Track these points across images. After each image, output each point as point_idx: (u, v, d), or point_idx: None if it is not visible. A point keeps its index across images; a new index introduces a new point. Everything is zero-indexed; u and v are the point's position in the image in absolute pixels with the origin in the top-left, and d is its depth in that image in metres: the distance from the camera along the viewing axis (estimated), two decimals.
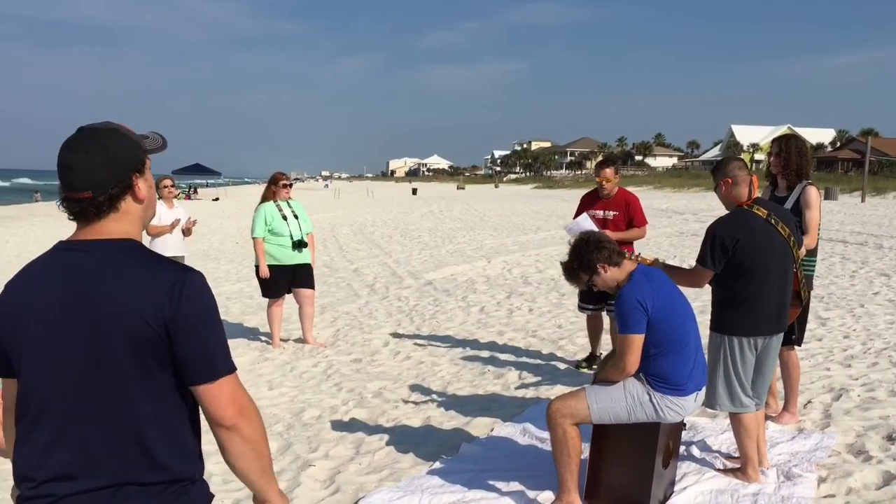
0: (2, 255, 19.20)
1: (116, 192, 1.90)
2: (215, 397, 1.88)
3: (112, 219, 1.92)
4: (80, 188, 1.87)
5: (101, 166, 1.88)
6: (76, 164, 1.87)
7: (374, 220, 29.63)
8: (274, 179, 8.27)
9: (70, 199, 1.89)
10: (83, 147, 1.88)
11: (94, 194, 1.88)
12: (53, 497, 1.85)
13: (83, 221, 1.91)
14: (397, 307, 10.45)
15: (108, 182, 1.89)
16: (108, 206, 1.90)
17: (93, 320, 1.83)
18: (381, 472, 4.67)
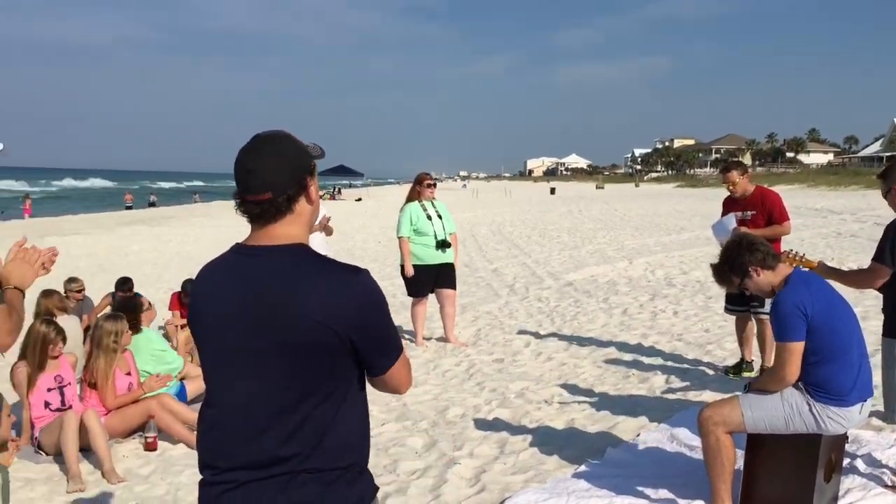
0: (165, 252, 20.54)
1: (293, 194, 2.00)
2: (392, 379, 2.08)
3: (286, 222, 2.01)
4: (259, 190, 1.98)
5: (280, 169, 1.99)
6: (256, 168, 1.98)
7: (512, 219, 29.65)
8: (419, 179, 8.42)
9: (249, 201, 1.99)
10: (262, 151, 2.00)
11: (274, 195, 1.98)
12: (235, 483, 1.97)
13: (259, 224, 2.01)
14: (538, 308, 10.41)
15: (286, 184, 1.99)
16: (286, 207, 2.00)
17: (268, 320, 1.93)
18: (526, 473, 4.68)
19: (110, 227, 28.82)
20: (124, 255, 19.75)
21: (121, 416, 5.67)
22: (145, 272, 15.93)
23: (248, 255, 2.01)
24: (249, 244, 2.03)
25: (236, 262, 2.03)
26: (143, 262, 18.05)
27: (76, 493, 4.83)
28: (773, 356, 4.47)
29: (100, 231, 26.58)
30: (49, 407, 5.49)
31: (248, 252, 2.02)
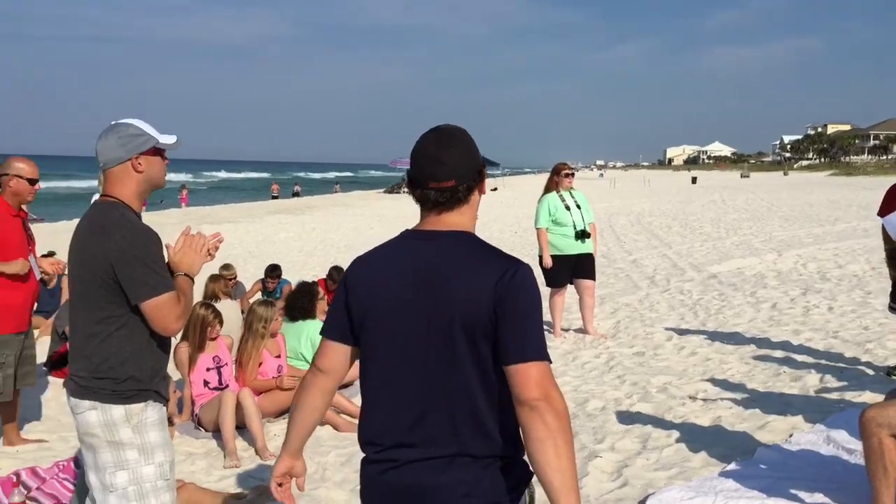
0: (309, 240, 21.34)
1: (472, 184, 2.12)
2: (523, 377, 1.95)
3: (460, 211, 2.12)
4: (445, 178, 2.08)
5: (464, 160, 2.11)
6: (445, 157, 2.09)
7: (651, 209, 28.92)
8: (556, 169, 8.36)
9: (433, 188, 2.09)
10: (448, 143, 2.11)
11: (457, 184, 2.09)
12: (396, 462, 2.05)
13: (436, 211, 2.11)
14: (679, 300, 10.12)
15: (468, 173, 2.11)
16: (465, 195, 2.12)
17: (435, 303, 2.01)
18: (669, 470, 4.57)
19: (259, 216, 30.20)
20: (272, 243, 20.66)
21: (272, 397, 5.95)
22: (292, 259, 16.61)
23: (419, 240, 2.11)
24: (421, 229, 2.13)
25: (407, 247, 2.12)
26: (289, 250, 18.82)
27: (232, 468, 5.11)
28: None
29: (249, 220, 27.90)
30: (208, 385, 5.84)
31: (420, 237, 2.12)
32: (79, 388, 2.85)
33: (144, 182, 2.93)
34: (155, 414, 2.91)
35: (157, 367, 2.92)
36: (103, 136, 2.89)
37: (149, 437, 2.87)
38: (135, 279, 2.75)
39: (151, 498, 2.85)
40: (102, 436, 2.82)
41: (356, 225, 25.60)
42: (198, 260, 2.97)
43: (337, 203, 40.19)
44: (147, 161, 2.90)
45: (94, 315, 2.80)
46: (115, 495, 2.82)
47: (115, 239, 2.76)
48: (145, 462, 2.85)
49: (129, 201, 2.90)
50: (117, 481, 2.82)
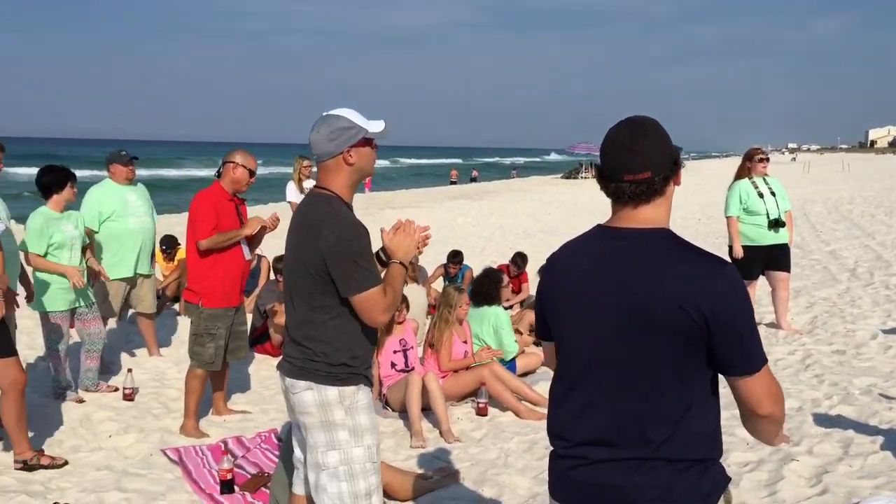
0: (488, 225, 21.56)
1: (668, 175, 2.04)
2: (753, 390, 1.95)
3: (655, 203, 2.05)
4: (640, 170, 2.02)
5: (660, 150, 2.03)
6: (639, 147, 2.02)
7: (850, 196, 26.87)
8: (749, 155, 7.97)
9: (627, 181, 2.02)
10: (642, 133, 2.04)
11: (653, 175, 2.02)
12: (586, 460, 2.04)
13: (631, 204, 2.05)
14: (885, 296, 9.35)
15: (664, 164, 2.03)
16: (661, 186, 2.04)
17: (630, 302, 1.96)
18: (875, 479, 4.25)
19: (439, 201, 30.85)
20: (451, 228, 21.04)
21: (455, 381, 6.09)
22: (470, 244, 16.85)
23: (614, 238, 2.06)
24: (615, 226, 2.08)
25: (601, 244, 2.08)
26: (468, 235, 19.10)
27: (418, 449, 5.28)
28: None
29: (429, 205, 28.57)
30: (394, 367, 6.06)
31: (614, 234, 2.07)
32: (294, 370, 3.00)
33: (355, 173, 3.02)
34: (365, 398, 3.03)
35: (367, 353, 3.05)
36: (315, 129, 2.99)
37: (359, 420, 2.99)
38: (344, 274, 2.86)
39: (360, 479, 2.97)
40: (317, 415, 2.96)
41: (533, 211, 25.57)
42: (412, 245, 3.04)
43: (514, 189, 40.30)
44: (357, 153, 2.99)
45: (309, 303, 2.95)
46: (326, 473, 2.97)
47: (325, 234, 2.87)
48: (355, 444, 2.97)
49: (341, 192, 3.00)
50: (329, 461, 2.96)
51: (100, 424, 5.59)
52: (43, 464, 4.82)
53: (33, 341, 7.24)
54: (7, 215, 5.39)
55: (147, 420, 5.73)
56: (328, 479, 2.97)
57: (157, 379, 6.72)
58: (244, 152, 5.52)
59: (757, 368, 1.94)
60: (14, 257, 5.35)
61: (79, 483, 4.67)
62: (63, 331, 5.94)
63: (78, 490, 4.55)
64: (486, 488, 4.50)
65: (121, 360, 7.14)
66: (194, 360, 5.44)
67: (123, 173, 6.84)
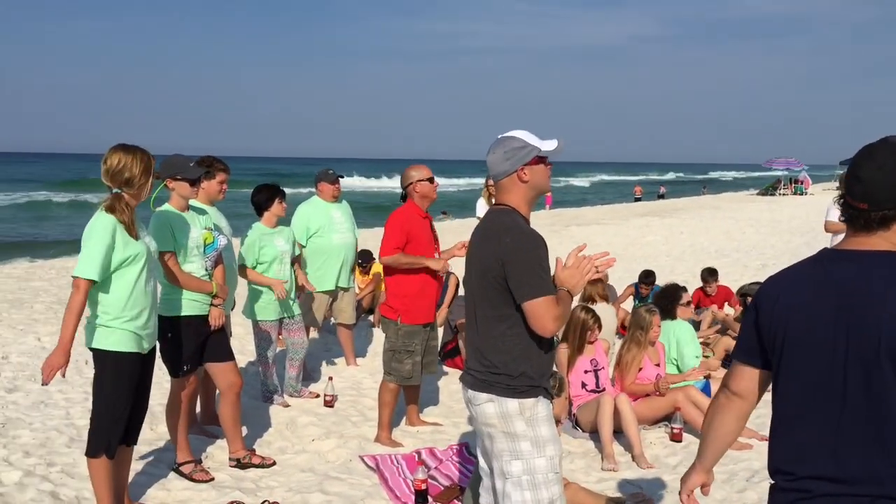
0: (678, 243, 20.89)
1: (891, 214, 1.92)
2: None
3: (880, 235, 1.94)
4: (859, 198, 1.94)
5: (888, 185, 1.92)
6: (863, 174, 1.94)
7: None
8: None
9: (850, 205, 1.97)
10: (879, 161, 1.93)
11: (870, 208, 1.92)
12: (810, 494, 1.94)
13: (851, 230, 1.98)
14: None
15: (887, 202, 1.92)
16: (879, 224, 1.93)
17: (857, 328, 1.87)
18: None
19: (625, 217, 30.28)
20: (639, 246, 20.57)
21: (648, 404, 5.92)
22: (660, 263, 16.38)
23: (840, 259, 1.97)
24: (842, 248, 2.00)
25: (824, 267, 1.99)
26: (657, 253, 18.60)
27: (610, 472, 5.18)
28: None
29: (616, 222, 28.11)
30: (585, 388, 5.98)
31: (840, 256, 1.98)
32: (476, 382, 3.10)
33: (530, 189, 3.13)
34: (544, 410, 3.09)
35: (545, 365, 3.11)
36: (492, 151, 3.13)
37: (540, 431, 3.05)
38: (520, 279, 2.94)
39: (543, 489, 3.04)
40: (499, 426, 3.05)
41: (727, 229, 24.49)
42: (582, 282, 3.08)
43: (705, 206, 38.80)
44: (531, 171, 3.09)
45: (490, 314, 3.05)
46: (510, 482, 3.06)
47: (505, 241, 2.98)
48: (538, 454, 3.04)
49: (519, 207, 3.11)
50: (513, 469, 3.05)
51: (303, 428, 5.92)
52: (254, 463, 5.17)
53: (244, 347, 7.80)
54: (229, 231, 5.85)
55: (346, 427, 6.00)
56: (512, 487, 3.05)
57: (355, 388, 7.03)
58: (416, 168, 5.68)
59: None
60: (232, 271, 5.79)
61: (285, 483, 4.96)
62: (272, 338, 6.35)
63: (284, 490, 4.84)
64: None
65: (321, 369, 7.54)
66: (392, 375, 5.61)
67: (330, 191, 7.24)
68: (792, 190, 43.72)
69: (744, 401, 2.18)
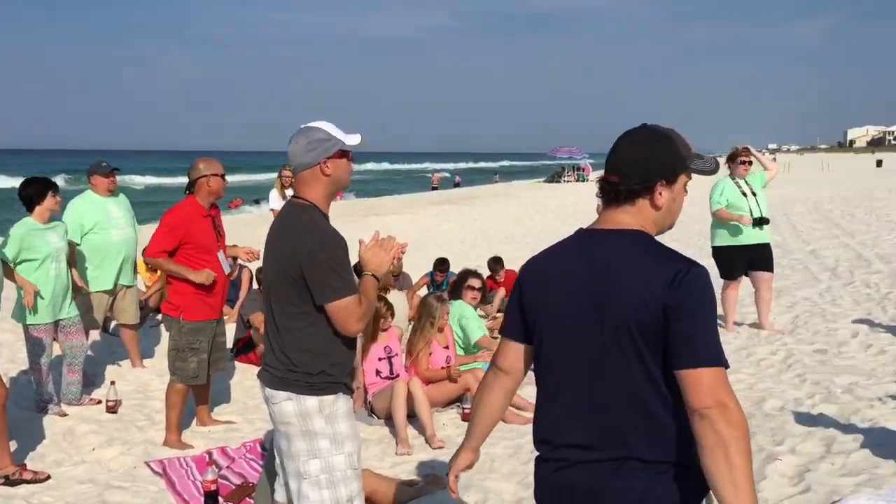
0: (471, 230, 21.60)
1: (636, 189, 2.05)
2: (693, 384, 1.89)
3: (625, 210, 2.07)
4: (611, 171, 2.08)
5: (635, 161, 2.05)
6: (620, 148, 2.08)
7: (830, 196, 27.10)
8: (733, 156, 8.04)
9: (604, 179, 2.10)
10: (633, 138, 2.08)
11: (619, 181, 2.06)
12: (567, 462, 2.06)
13: (604, 204, 2.11)
14: (866, 294, 9.46)
15: (633, 176, 2.05)
16: (626, 197, 2.06)
17: (605, 304, 1.99)
18: (857, 476, 4.29)
19: (421, 206, 30.84)
20: (435, 234, 21.05)
21: (440, 387, 6.09)
22: (454, 250, 16.86)
23: (589, 239, 2.09)
24: (595, 228, 2.12)
25: (578, 245, 2.10)
26: (452, 241, 19.12)
27: (404, 456, 5.28)
28: None
29: (412, 211, 28.57)
30: (380, 375, 6.05)
31: (587, 236, 2.10)
32: (274, 379, 3.03)
33: (332, 184, 3.06)
34: (345, 405, 3.06)
35: (346, 361, 3.07)
36: (294, 140, 3.04)
37: (340, 428, 3.01)
38: (321, 282, 2.90)
39: (341, 486, 3.00)
40: (297, 425, 2.98)
41: (517, 215, 25.63)
42: (387, 260, 3.06)
43: (497, 193, 40.34)
44: (334, 164, 3.02)
45: (287, 310, 2.98)
46: (308, 482, 3.00)
47: (305, 242, 2.91)
48: (336, 451, 3.00)
49: (318, 203, 3.04)
50: (310, 469, 2.99)
51: (83, 437, 5.55)
52: (25, 478, 4.78)
53: (15, 355, 7.18)
54: None
55: (131, 432, 5.70)
56: (310, 487, 3.00)
57: (141, 391, 6.68)
58: (206, 161, 5.48)
59: (701, 364, 1.89)
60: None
61: (61, 497, 4.63)
62: (45, 343, 5.89)
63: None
64: (471, 494, 4.50)
65: (104, 373, 7.09)
66: (177, 375, 5.40)
67: (104, 185, 6.80)
68: (575, 177, 46.44)
69: (509, 377, 2.28)
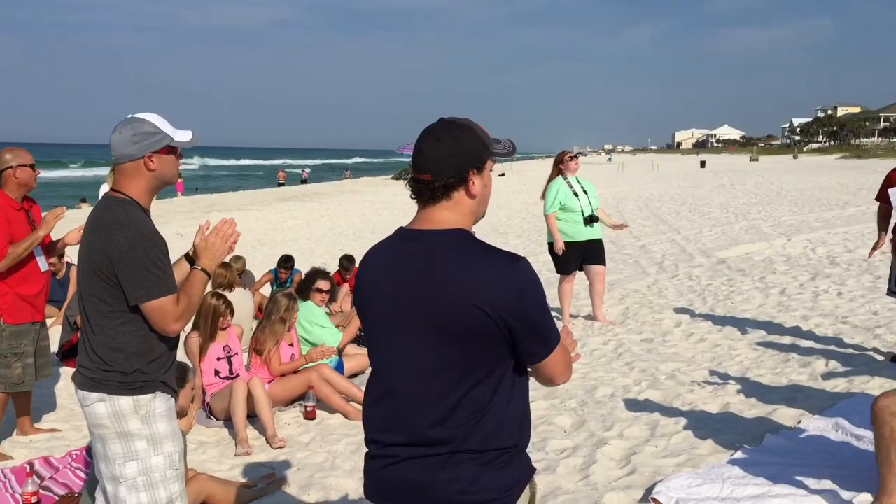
0: (318, 227, 21.38)
1: (451, 183, 2.05)
2: (551, 368, 2.09)
3: (444, 206, 2.07)
4: (422, 170, 2.06)
5: (446, 155, 2.04)
6: (426, 147, 2.06)
7: (659, 194, 28.82)
8: (559, 157, 8.38)
9: (415, 178, 2.08)
10: (437, 135, 2.06)
11: (433, 178, 2.05)
12: (396, 458, 2.06)
13: (420, 204, 2.09)
14: (688, 286, 10.12)
15: (447, 170, 2.05)
16: (442, 193, 2.06)
17: (426, 305, 2.00)
18: (678, 457, 4.59)
19: (267, 203, 30.26)
20: (280, 231, 20.71)
21: (283, 385, 5.99)
22: (300, 247, 16.65)
23: (410, 239, 2.08)
24: (412, 227, 2.10)
25: (399, 245, 2.10)
26: (298, 237, 18.87)
27: (244, 457, 5.15)
28: None
29: (257, 207, 27.96)
30: (219, 375, 5.87)
31: (410, 235, 2.09)
32: (86, 381, 2.87)
33: (155, 179, 2.92)
34: (163, 405, 2.93)
35: (164, 359, 2.94)
36: (118, 130, 2.86)
37: (157, 428, 2.89)
38: (133, 281, 2.76)
39: (160, 488, 2.89)
40: (111, 427, 2.85)
41: (364, 212, 25.62)
42: (222, 250, 2.96)
43: (345, 190, 40.17)
44: (160, 159, 2.88)
45: (101, 309, 2.83)
46: (124, 486, 2.86)
47: (117, 238, 2.76)
48: (154, 452, 2.88)
49: (139, 198, 2.89)
50: (127, 472, 2.86)
51: None
52: None
53: None
54: None
55: None
56: (127, 490, 2.87)
57: None
58: (12, 151, 5.10)
59: (552, 349, 2.06)
60: None
61: None
62: None
63: None
64: (312, 492, 4.46)
65: None
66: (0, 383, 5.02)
67: None
68: None
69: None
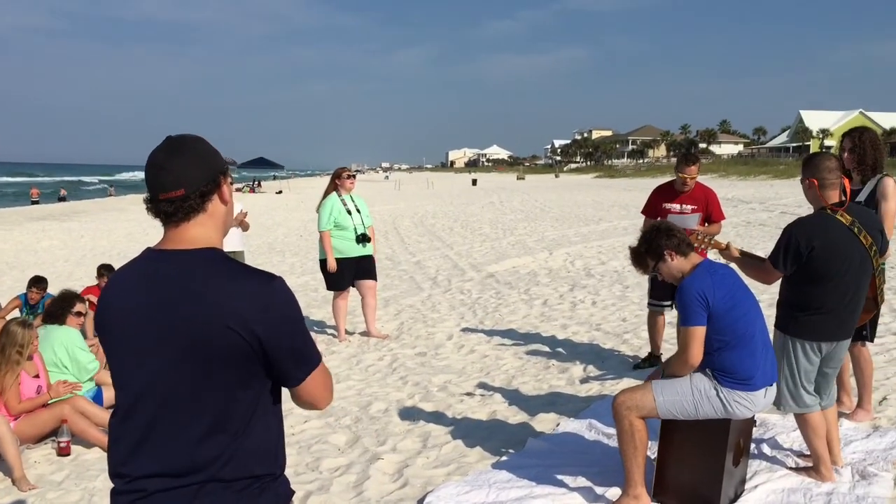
0: (77, 248, 19.87)
1: (206, 191, 1.99)
2: (311, 391, 2.04)
3: (199, 222, 1.99)
4: (172, 187, 1.95)
5: (193, 166, 1.97)
6: (170, 165, 1.96)
7: (434, 211, 29.73)
8: (337, 174, 8.39)
9: (163, 199, 1.96)
10: (176, 150, 1.98)
11: (187, 192, 1.96)
12: (145, 492, 1.94)
13: (173, 223, 1.98)
14: (460, 300, 10.49)
15: (199, 180, 1.97)
16: (199, 205, 1.98)
17: (176, 329, 1.90)
18: (448, 466, 4.73)
19: (18, 222, 27.70)
20: (33, 252, 19.04)
21: (31, 420, 5.48)
22: (57, 269, 15.40)
23: (160, 260, 1.98)
24: (161, 248, 2.00)
25: (149, 266, 1.99)
26: (54, 259, 17.44)
27: None
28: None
29: (6, 227, 25.51)
30: None
31: (159, 257, 1.98)
32: None
33: None
34: None
35: None
36: None
37: None
38: None
39: None
40: None
41: (130, 231, 24.16)
42: None
43: (109, 208, 37.68)
44: None
45: None
46: None
47: None
48: None
49: None
50: None
51: None
52: None
53: None
54: None
55: None
56: None
57: None
58: None
59: (311, 371, 2.01)
60: None
61: None
62: None
63: None
64: None
65: None
66: None
67: None
68: None
69: None
